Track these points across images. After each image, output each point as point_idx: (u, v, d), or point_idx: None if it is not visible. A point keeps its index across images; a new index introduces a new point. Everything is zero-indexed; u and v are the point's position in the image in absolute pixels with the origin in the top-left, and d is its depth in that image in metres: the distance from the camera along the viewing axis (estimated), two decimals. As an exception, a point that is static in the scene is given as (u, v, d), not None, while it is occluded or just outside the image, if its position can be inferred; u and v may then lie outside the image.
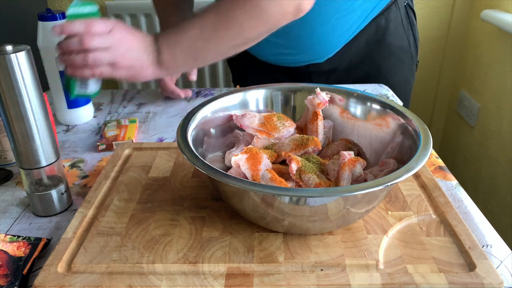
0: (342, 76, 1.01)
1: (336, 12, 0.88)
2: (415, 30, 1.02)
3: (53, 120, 0.74)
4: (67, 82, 0.70)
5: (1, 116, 0.55)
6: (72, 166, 0.74)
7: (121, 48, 0.66)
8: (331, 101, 0.66)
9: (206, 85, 1.85)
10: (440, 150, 2.04)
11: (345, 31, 0.93)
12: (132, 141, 0.80)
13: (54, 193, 0.59)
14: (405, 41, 1.00)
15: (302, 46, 0.93)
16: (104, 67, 0.66)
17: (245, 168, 0.54)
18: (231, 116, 0.65)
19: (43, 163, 0.57)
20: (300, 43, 0.93)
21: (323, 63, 0.98)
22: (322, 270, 0.48)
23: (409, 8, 1.00)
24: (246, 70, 1.11)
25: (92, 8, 0.69)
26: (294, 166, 0.54)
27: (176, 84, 1.00)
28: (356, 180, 0.54)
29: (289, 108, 0.69)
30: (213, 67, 1.85)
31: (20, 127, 0.54)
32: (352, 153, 0.56)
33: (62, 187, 0.60)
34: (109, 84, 1.96)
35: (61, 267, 0.49)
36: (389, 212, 0.56)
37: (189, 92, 1.00)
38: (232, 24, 0.66)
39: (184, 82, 1.86)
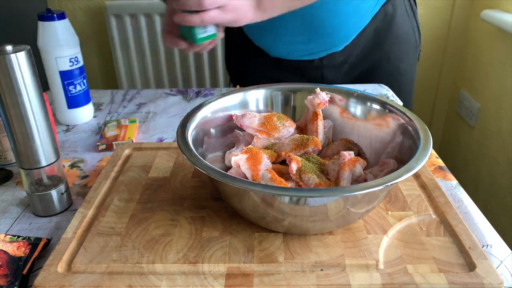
0: (352, 68, 1.01)
1: None
2: (417, 16, 1.04)
3: (53, 120, 0.74)
4: (186, 32, 0.71)
5: (1, 116, 0.55)
6: (72, 166, 0.74)
7: None
8: (331, 101, 0.66)
9: (206, 85, 1.85)
10: (440, 150, 2.04)
11: (362, 16, 0.93)
12: (132, 141, 0.80)
13: (54, 193, 0.59)
14: (410, 27, 1.01)
15: (323, 29, 0.93)
16: (214, 11, 0.67)
17: (245, 168, 0.54)
18: (231, 116, 0.65)
19: (43, 163, 0.57)
20: (321, 26, 0.93)
21: (337, 53, 0.98)
22: (322, 270, 0.48)
23: None
24: (247, 69, 1.10)
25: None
26: (294, 166, 0.54)
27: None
28: (356, 180, 0.54)
29: (289, 108, 0.69)
30: (213, 67, 1.85)
31: (20, 127, 0.54)
32: (352, 153, 0.56)
33: (62, 187, 0.60)
34: (109, 84, 1.96)
35: (61, 267, 0.49)
36: (389, 212, 0.56)
37: (207, 46, 0.78)
38: None
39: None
